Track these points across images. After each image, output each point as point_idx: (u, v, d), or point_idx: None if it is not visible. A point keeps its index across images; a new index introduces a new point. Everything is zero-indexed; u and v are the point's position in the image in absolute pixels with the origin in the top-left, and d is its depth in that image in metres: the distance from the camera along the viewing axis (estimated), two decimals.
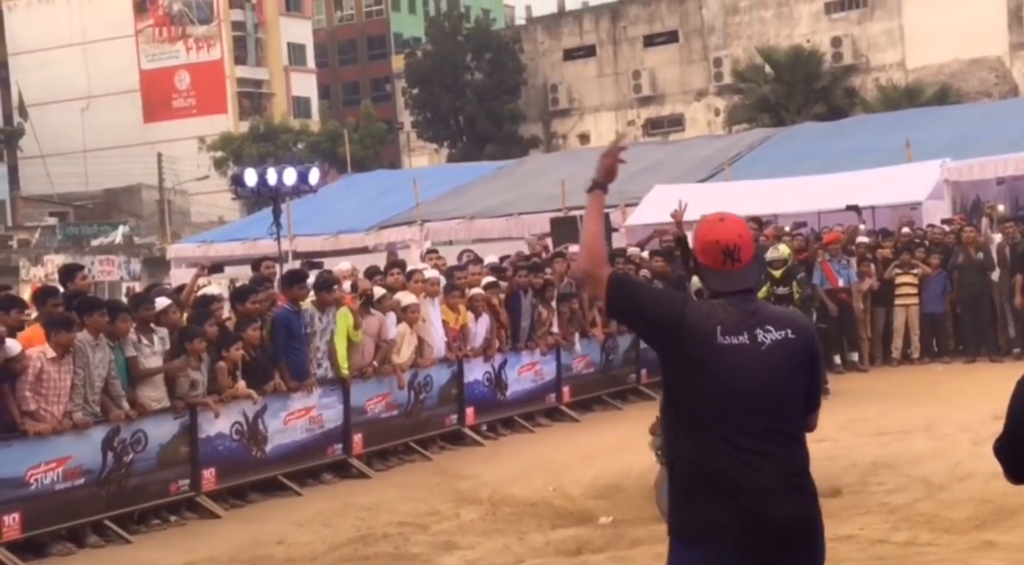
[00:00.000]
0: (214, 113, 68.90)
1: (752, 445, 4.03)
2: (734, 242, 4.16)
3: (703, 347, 4.06)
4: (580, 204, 23.36)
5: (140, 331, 10.31)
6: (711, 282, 4.20)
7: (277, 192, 16.33)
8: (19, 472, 9.24)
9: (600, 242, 4.32)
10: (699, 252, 4.21)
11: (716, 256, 4.16)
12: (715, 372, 4.04)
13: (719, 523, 3.98)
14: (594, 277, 4.24)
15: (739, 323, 4.09)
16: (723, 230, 4.18)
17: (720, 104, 55.84)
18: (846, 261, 17.00)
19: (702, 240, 4.20)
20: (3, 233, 55.16)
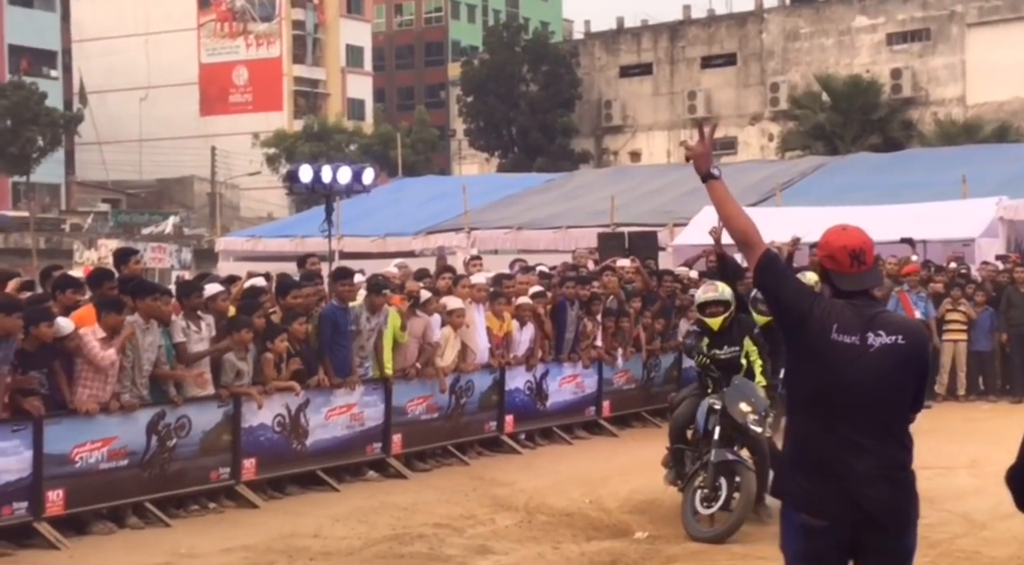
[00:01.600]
0: (269, 110, 69.50)
1: (853, 436, 4.47)
2: (859, 246, 4.65)
3: (819, 341, 4.52)
4: (628, 220, 23.56)
5: (188, 317, 10.43)
6: (840, 284, 4.65)
7: (331, 190, 16.46)
8: (66, 450, 9.37)
9: (742, 217, 4.79)
10: (826, 259, 4.67)
11: (844, 259, 4.63)
12: (827, 366, 4.50)
13: (817, 497, 4.49)
14: (749, 245, 4.71)
15: (854, 324, 4.55)
16: (848, 236, 4.67)
17: (774, 129, 55.65)
18: (924, 293, 16.83)
19: (830, 246, 4.66)
20: (56, 216, 55.83)
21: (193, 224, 56.96)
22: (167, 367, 10.20)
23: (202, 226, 56.53)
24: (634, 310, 15.10)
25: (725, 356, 9.76)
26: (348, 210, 25.26)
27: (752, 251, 4.71)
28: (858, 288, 4.65)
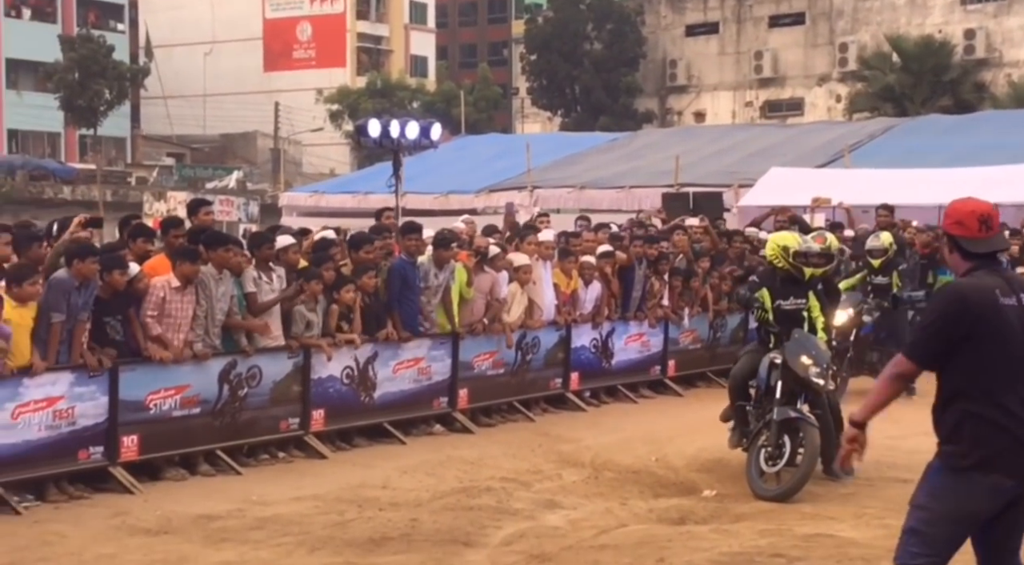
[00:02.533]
0: (332, 66, 69.61)
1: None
2: (986, 211, 4.96)
3: (989, 314, 4.82)
4: (693, 181, 23.39)
5: (260, 269, 10.52)
6: (970, 247, 4.94)
7: (398, 145, 16.48)
8: (140, 396, 9.52)
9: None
10: (954, 225, 4.96)
11: (973, 224, 4.92)
12: (999, 333, 4.83)
13: (1010, 458, 4.82)
14: (907, 377, 5.07)
15: (1006, 287, 4.90)
16: (975, 203, 4.99)
17: (842, 90, 54.90)
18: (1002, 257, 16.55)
19: (958, 213, 4.95)
20: (123, 170, 56.45)
21: (256, 179, 57.32)
22: (239, 317, 10.31)
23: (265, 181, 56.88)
24: (702, 270, 15.02)
25: (789, 307, 9.60)
26: (411, 167, 25.30)
27: (911, 374, 5.07)
28: (988, 251, 4.96)
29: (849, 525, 8.31)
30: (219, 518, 8.57)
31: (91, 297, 9.13)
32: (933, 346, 4.92)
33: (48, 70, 55.83)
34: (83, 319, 9.11)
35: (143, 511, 8.75)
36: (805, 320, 9.64)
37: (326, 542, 7.90)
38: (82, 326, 9.13)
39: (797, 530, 8.13)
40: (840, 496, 9.23)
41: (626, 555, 7.51)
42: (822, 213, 18.57)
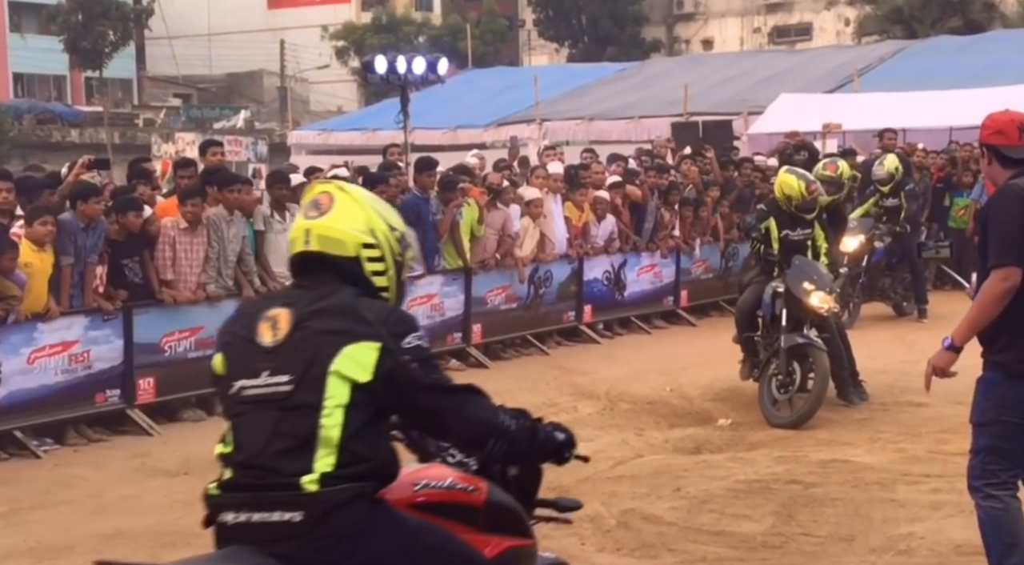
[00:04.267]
0: (337, 2, 68.91)
1: None
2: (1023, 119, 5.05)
3: None
4: (702, 110, 23.24)
5: (274, 207, 10.51)
6: (1012, 154, 4.99)
7: (406, 81, 16.37)
8: (155, 339, 9.58)
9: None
10: (993, 135, 5.03)
11: (1013, 133, 5.00)
12: None
13: None
14: (1016, 285, 4.88)
15: None
16: (1012, 113, 5.14)
17: (851, 14, 54.23)
18: None
19: (997, 123, 5.04)
20: (129, 112, 56.28)
21: (264, 118, 57.10)
22: (251, 258, 10.31)
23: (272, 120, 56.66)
24: (711, 199, 14.96)
25: (797, 237, 9.60)
26: (418, 103, 25.06)
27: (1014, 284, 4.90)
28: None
29: (864, 450, 8.35)
30: None
31: (99, 239, 9.15)
32: (1020, 242, 4.85)
33: (51, 12, 55.44)
34: (93, 262, 9.13)
35: (162, 452, 8.82)
36: (809, 248, 9.63)
37: None
38: (92, 269, 9.15)
39: (812, 456, 8.17)
40: (854, 421, 9.26)
41: (643, 485, 7.56)
42: (833, 139, 18.44)
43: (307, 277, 3.34)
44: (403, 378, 3.18)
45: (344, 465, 3.11)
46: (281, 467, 3.12)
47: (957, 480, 7.29)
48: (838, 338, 9.57)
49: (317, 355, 3.15)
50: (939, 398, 9.66)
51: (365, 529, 3.13)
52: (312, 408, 3.13)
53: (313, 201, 3.36)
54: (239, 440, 3.21)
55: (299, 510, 3.08)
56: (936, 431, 8.71)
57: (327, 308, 3.22)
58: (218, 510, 3.21)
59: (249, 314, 3.33)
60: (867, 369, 10.19)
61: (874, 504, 7.01)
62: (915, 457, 8.08)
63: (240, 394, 3.22)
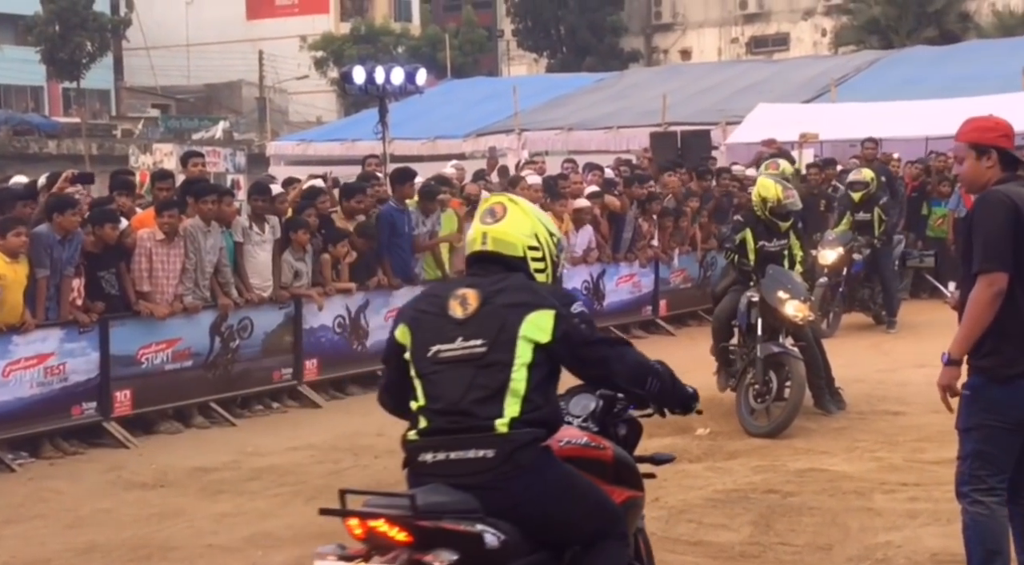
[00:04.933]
0: (316, 12, 68.88)
1: None
2: None
3: None
4: (680, 120, 23.31)
5: (253, 219, 10.48)
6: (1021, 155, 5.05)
7: (384, 91, 16.37)
8: (131, 351, 9.54)
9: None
10: (1003, 138, 5.03)
11: (1013, 135, 5.08)
12: None
13: None
14: (1003, 290, 4.85)
15: None
16: (1001, 119, 5.13)
17: (827, 24, 54.54)
18: None
19: (1004, 128, 5.05)
20: (107, 122, 56.06)
21: (242, 129, 56.96)
22: (228, 268, 10.27)
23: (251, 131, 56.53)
24: (691, 209, 15.00)
25: (773, 248, 9.63)
26: (398, 113, 25.11)
27: (1000, 289, 4.86)
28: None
29: (841, 459, 8.37)
30: (215, 470, 8.60)
31: (76, 251, 9.10)
32: (1006, 247, 4.81)
33: (28, 23, 55.24)
34: (69, 274, 9.09)
35: (138, 465, 8.78)
36: (785, 258, 9.65)
37: (322, 491, 7.91)
38: (68, 281, 9.10)
39: (790, 465, 8.18)
40: (832, 430, 9.29)
41: None
42: (810, 148, 18.53)
43: (480, 268, 4.14)
44: (575, 336, 3.96)
45: (527, 412, 3.88)
46: (477, 412, 3.86)
47: (934, 489, 7.36)
48: (814, 347, 9.61)
49: (506, 323, 3.93)
50: (916, 407, 9.77)
51: (538, 467, 3.88)
52: (504, 365, 3.90)
53: (489, 209, 4.20)
54: (436, 393, 3.93)
55: (491, 448, 3.83)
56: (913, 440, 8.75)
57: (507, 287, 4.01)
58: (416, 453, 3.93)
59: (436, 294, 4.14)
60: (844, 378, 10.22)
61: (851, 513, 7.03)
62: (892, 466, 8.11)
63: (437, 356, 3.95)
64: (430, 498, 3.74)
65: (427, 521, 3.68)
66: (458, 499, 3.79)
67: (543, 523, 3.90)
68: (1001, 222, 4.81)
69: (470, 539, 3.70)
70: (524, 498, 3.85)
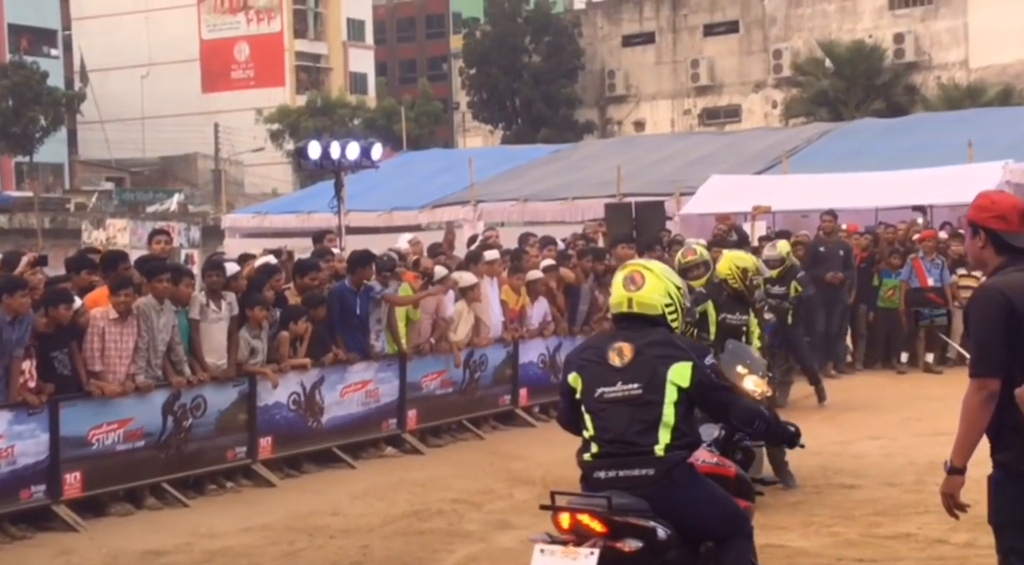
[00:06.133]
0: (272, 86, 69.29)
1: None
2: (1023, 205, 4.88)
3: None
4: (635, 191, 23.48)
5: (209, 296, 10.42)
6: (1014, 242, 4.80)
7: (340, 166, 16.42)
8: (82, 432, 9.39)
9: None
10: (994, 219, 4.81)
11: (1015, 219, 4.82)
12: None
13: None
14: (995, 394, 4.71)
15: None
16: (1011, 197, 4.99)
17: (778, 96, 55.46)
18: (940, 260, 16.68)
19: (999, 207, 4.82)
20: (61, 196, 55.78)
21: (198, 201, 56.90)
22: (181, 347, 10.19)
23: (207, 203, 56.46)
24: None
25: (735, 322, 9.61)
26: (354, 185, 25.10)
27: (992, 393, 4.73)
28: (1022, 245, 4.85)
29: (798, 534, 8.35)
30: (167, 553, 8.47)
31: (25, 332, 8.99)
32: (998, 349, 4.67)
33: None
34: (18, 355, 8.96)
35: (89, 549, 8.62)
36: (744, 334, 9.65)
37: None
38: (18, 362, 8.98)
39: None
40: (788, 505, 9.27)
41: None
42: (763, 221, 18.71)
43: (628, 324, 5.27)
44: (707, 384, 5.12)
45: (676, 439, 5.05)
46: (639, 440, 5.03)
47: (889, 564, 7.36)
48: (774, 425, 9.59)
49: (656, 370, 5.08)
50: (871, 480, 9.80)
51: (687, 481, 5.08)
52: (657, 403, 5.05)
53: (630, 277, 5.29)
54: (604, 426, 5.10)
55: (652, 468, 5.02)
56: (869, 514, 8.76)
57: (655, 341, 5.16)
58: (591, 470, 5.15)
59: (596, 346, 5.28)
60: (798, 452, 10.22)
61: None
62: (849, 541, 8.10)
63: (602, 397, 5.11)
64: (619, 500, 4.95)
65: (619, 517, 4.91)
66: (636, 502, 4.98)
67: (690, 523, 5.06)
68: (992, 323, 4.69)
69: (648, 532, 4.93)
70: (677, 504, 5.01)
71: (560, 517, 5.02)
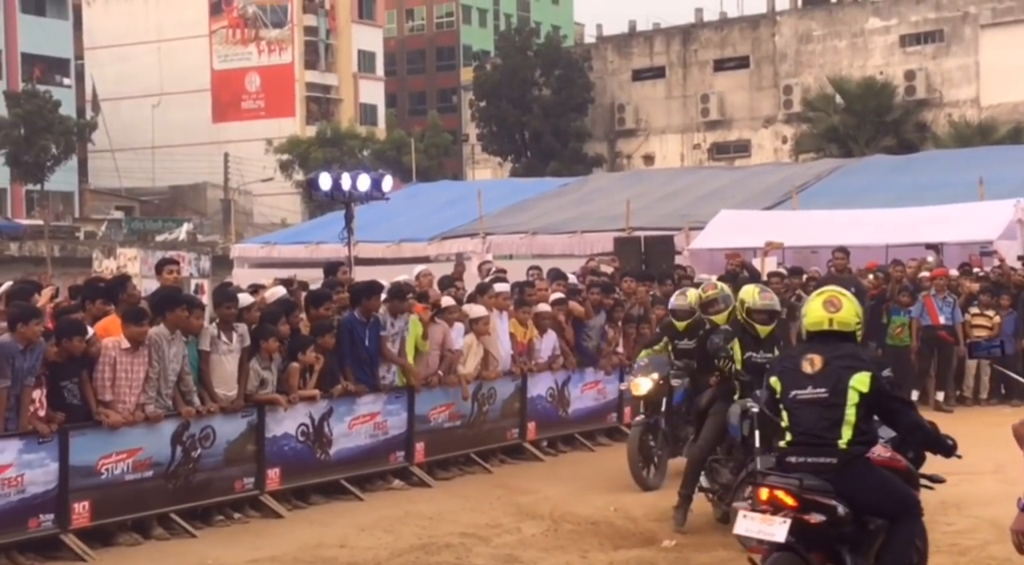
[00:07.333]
0: (282, 116, 69.61)
1: None
2: None
3: None
4: (644, 224, 23.49)
5: (221, 327, 10.41)
6: None
7: (350, 197, 16.47)
8: (91, 461, 9.37)
9: None
10: None
11: None
12: None
13: None
14: None
15: None
16: None
17: (788, 132, 55.62)
18: (951, 298, 16.63)
19: None
20: (71, 224, 55.97)
21: (207, 231, 57.04)
22: (191, 377, 10.19)
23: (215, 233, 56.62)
24: (657, 316, 15.04)
25: (760, 360, 9.25)
26: (363, 216, 25.19)
27: None
28: None
29: None
30: None
31: (37, 361, 9.00)
32: None
33: None
34: (29, 384, 8.97)
35: None
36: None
37: None
38: (29, 391, 8.98)
39: None
40: None
41: None
42: (773, 257, 18.69)
43: (820, 340, 6.34)
44: (882, 393, 6.20)
45: (856, 436, 6.11)
46: (825, 435, 6.12)
47: None
48: None
49: (841, 377, 6.15)
50: None
51: (863, 470, 6.14)
52: (840, 405, 6.12)
53: (829, 301, 6.38)
54: (797, 421, 6.21)
55: (835, 458, 6.09)
56: None
57: (842, 354, 6.23)
58: (784, 455, 6.26)
59: (792, 356, 6.44)
60: None
61: None
62: None
63: (795, 398, 6.23)
64: (808, 482, 6.02)
65: (808, 495, 5.99)
66: (822, 484, 6.04)
67: (865, 504, 6.09)
68: None
69: (830, 509, 6.00)
70: (855, 488, 6.05)
71: (760, 491, 6.13)
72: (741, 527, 6.15)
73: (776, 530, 5.96)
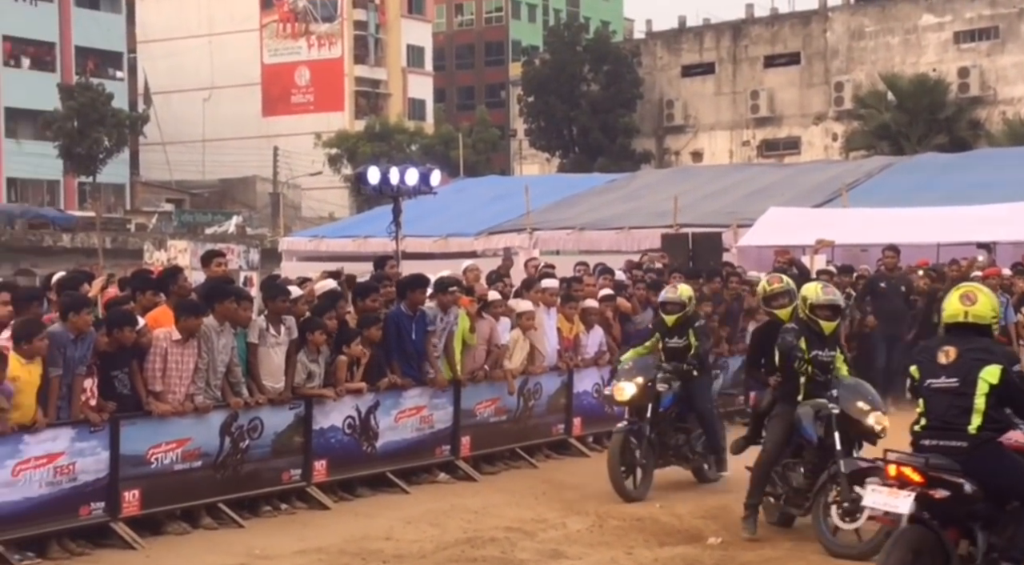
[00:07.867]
0: (331, 110, 69.93)
1: None
2: None
3: None
4: (691, 221, 23.39)
5: (270, 320, 10.48)
6: None
7: (398, 191, 16.52)
8: (141, 450, 9.47)
9: None
10: None
11: None
12: None
13: None
14: None
15: None
16: None
17: (838, 129, 55.19)
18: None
19: None
20: (122, 216, 56.55)
21: (255, 224, 57.42)
22: (240, 368, 10.27)
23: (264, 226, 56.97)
24: (705, 313, 14.95)
25: (825, 358, 9.10)
26: (410, 210, 25.16)
27: None
28: None
29: None
30: None
31: (88, 350, 9.11)
32: None
33: (47, 118, 56.03)
34: (80, 373, 9.08)
35: None
36: (834, 372, 9.23)
37: None
38: (80, 380, 9.09)
39: None
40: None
41: None
42: (823, 255, 18.54)
43: (956, 333, 6.80)
44: (1012, 385, 6.58)
45: (986, 422, 6.55)
46: (956, 421, 6.59)
47: None
48: None
49: (971, 369, 6.60)
50: None
51: (993, 454, 6.55)
52: (970, 395, 6.58)
53: (966, 295, 6.85)
54: (932, 407, 6.70)
55: (965, 442, 6.55)
56: None
57: (976, 347, 6.69)
58: (919, 438, 6.72)
59: (930, 348, 6.87)
60: None
61: None
62: None
63: (930, 386, 6.70)
64: (935, 461, 6.48)
65: (933, 472, 6.42)
66: (949, 464, 6.47)
67: (998, 485, 6.50)
68: None
69: (956, 486, 6.41)
70: (986, 471, 6.46)
71: (888, 468, 6.56)
72: (869, 500, 6.63)
73: (900, 502, 6.38)
